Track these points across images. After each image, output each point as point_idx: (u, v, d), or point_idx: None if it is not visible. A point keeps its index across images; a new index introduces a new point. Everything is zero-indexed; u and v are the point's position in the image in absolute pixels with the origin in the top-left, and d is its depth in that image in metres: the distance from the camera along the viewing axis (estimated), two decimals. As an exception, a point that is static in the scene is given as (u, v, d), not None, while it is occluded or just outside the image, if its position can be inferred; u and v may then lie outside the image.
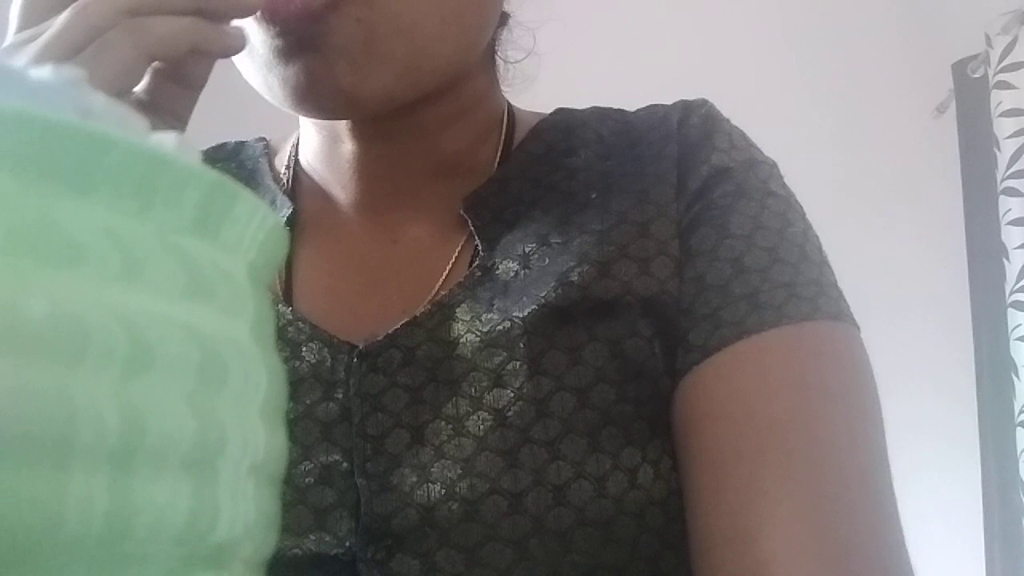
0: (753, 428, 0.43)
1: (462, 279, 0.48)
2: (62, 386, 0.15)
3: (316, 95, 0.44)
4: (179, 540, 0.17)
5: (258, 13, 0.42)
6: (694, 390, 0.45)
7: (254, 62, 0.45)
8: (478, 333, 0.46)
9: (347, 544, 0.43)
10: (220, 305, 0.19)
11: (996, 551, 1.59)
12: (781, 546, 0.40)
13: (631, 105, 0.56)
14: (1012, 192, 1.59)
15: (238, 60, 0.46)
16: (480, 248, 0.49)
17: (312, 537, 0.43)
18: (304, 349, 0.47)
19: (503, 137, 0.53)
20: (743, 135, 0.53)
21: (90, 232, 0.16)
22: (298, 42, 0.42)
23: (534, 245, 0.48)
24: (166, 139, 0.19)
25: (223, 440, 0.18)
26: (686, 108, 0.53)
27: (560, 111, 0.56)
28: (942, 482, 1.65)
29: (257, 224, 0.20)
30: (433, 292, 0.48)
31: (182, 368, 0.17)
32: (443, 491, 0.43)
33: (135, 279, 0.17)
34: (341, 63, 0.42)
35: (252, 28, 0.43)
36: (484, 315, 0.46)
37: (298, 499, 0.44)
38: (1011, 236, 1.58)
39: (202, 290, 0.18)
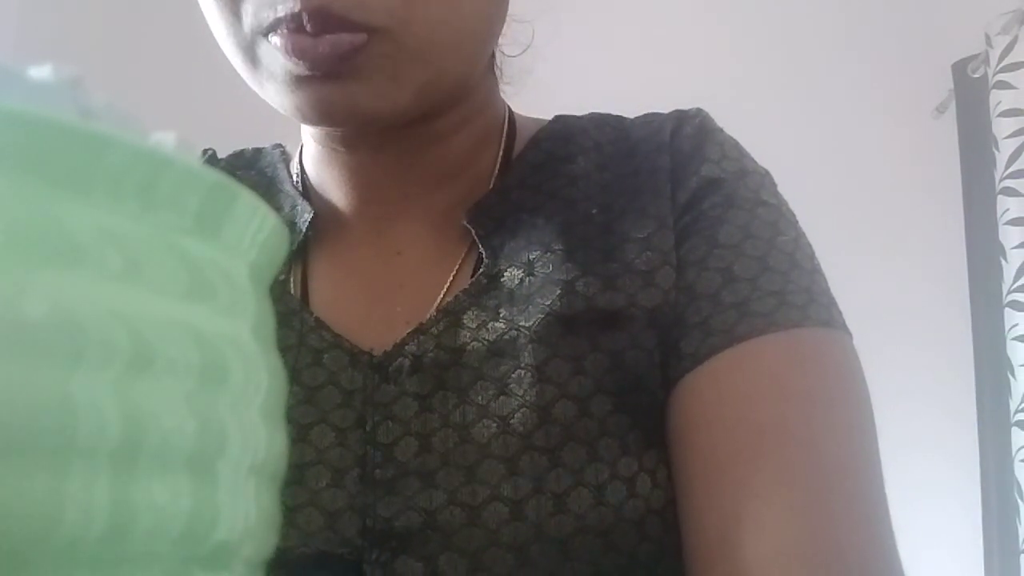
0: (742, 433, 0.43)
1: (467, 286, 0.48)
2: (62, 386, 0.15)
3: (335, 116, 0.44)
4: (179, 540, 0.17)
5: (280, 44, 0.41)
6: (686, 397, 0.46)
7: (269, 81, 0.44)
8: (484, 342, 0.46)
9: (354, 544, 0.44)
10: (221, 305, 0.19)
11: (995, 562, 1.58)
12: (771, 549, 0.40)
13: (629, 105, 0.56)
14: (1010, 192, 1.59)
15: (245, 71, 0.45)
16: (484, 256, 0.49)
17: (320, 536, 0.44)
18: (325, 357, 0.48)
19: (503, 145, 0.54)
20: (736, 145, 0.53)
21: (90, 232, 0.16)
22: (323, 75, 0.42)
23: (538, 252, 0.49)
24: (166, 139, 0.19)
25: (223, 440, 0.18)
26: (679, 119, 0.53)
27: (559, 119, 0.56)
28: (939, 488, 1.65)
29: (258, 224, 0.20)
30: (438, 302, 0.49)
31: (182, 368, 0.17)
32: (445, 496, 0.43)
33: (135, 279, 0.17)
34: (364, 91, 0.43)
35: (271, 51, 0.42)
36: (491, 323, 0.47)
37: (310, 501, 0.45)
38: (1009, 236, 1.58)
39: (203, 290, 0.18)
